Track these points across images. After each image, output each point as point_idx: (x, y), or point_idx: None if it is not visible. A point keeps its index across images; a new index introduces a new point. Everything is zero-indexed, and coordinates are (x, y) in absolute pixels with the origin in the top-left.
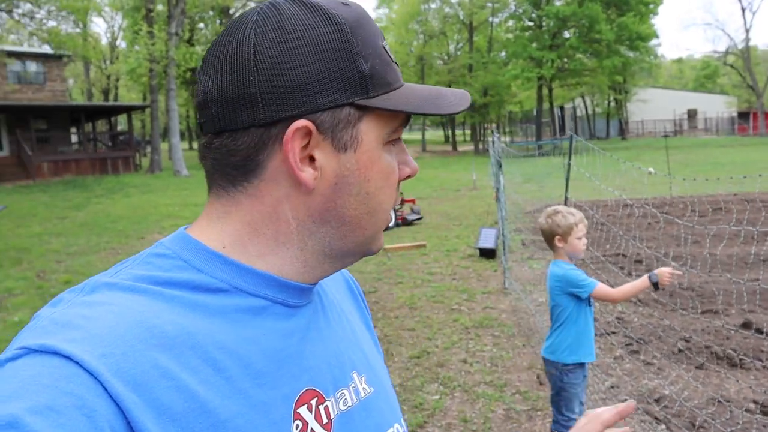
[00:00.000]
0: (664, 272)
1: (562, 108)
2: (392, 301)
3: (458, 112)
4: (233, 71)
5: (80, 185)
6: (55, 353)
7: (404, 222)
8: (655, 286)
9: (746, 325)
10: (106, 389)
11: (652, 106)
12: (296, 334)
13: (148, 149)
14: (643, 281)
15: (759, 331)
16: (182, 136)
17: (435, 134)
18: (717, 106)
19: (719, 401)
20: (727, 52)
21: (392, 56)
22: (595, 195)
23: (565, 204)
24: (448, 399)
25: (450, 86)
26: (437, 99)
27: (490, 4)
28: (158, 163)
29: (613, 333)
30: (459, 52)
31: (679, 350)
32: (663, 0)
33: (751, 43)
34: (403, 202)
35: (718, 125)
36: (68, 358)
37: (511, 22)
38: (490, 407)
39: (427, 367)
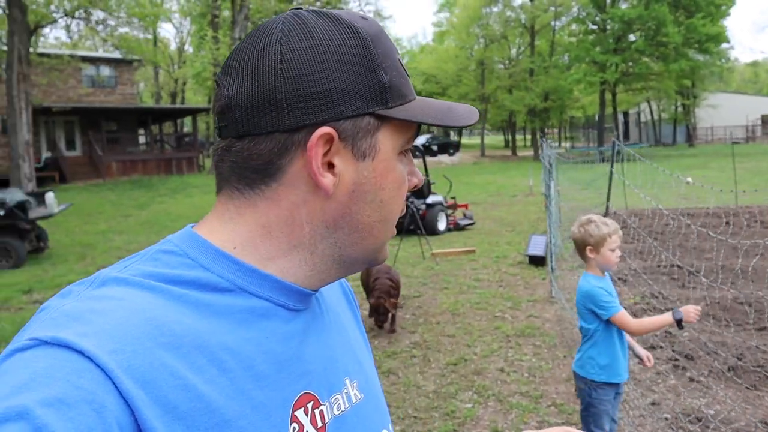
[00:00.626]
0: (689, 310)
1: (626, 113)
2: (435, 307)
3: (468, 125)
4: (260, 77)
5: (146, 185)
6: (67, 347)
7: (456, 227)
8: (679, 323)
9: None
10: (115, 385)
11: (723, 111)
12: (296, 338)
13: (211, 150)
14: (665, 318)
15: None
16: None
17: (495, 139)
18: None
19: None
20: None
21: (407, 70)
22: (649, 204)
23: (606, 213)
24: (481, 408)
25: (511, 91)
26: (449, 112)
27: (553, 8)
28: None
29: (660, 347)
30: (520, 56)
31: (730, 368)
32: (735, 1)
33: None
34: (455, 207)
35: None
36: (80, 352)
37: (574, 26)
38: (523, 418)
39: (464, 374)
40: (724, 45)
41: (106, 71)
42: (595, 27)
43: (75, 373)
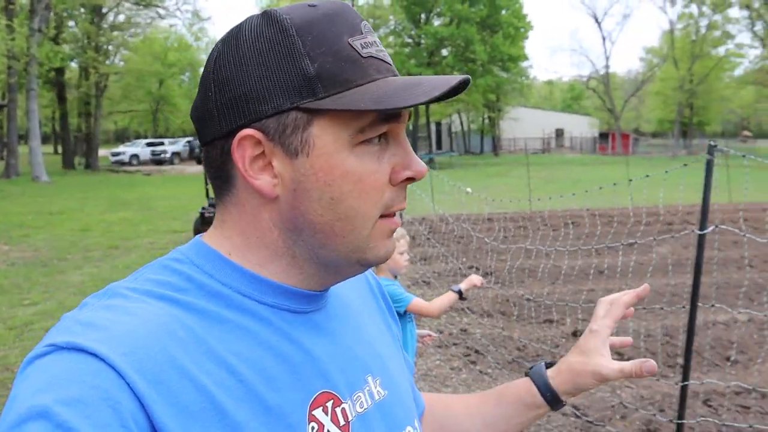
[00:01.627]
0: (472, 279)
1: (438, 123)
2: None
3: (424, 102)
4: (202, 89)
5: None
6: (82, 350)
7: None
8: (460, 294)
9: (576, 333)
10: (128, 385)
11: (524, 124)
12: (308, 339)
13: (5, 152)
14: (449, 294)
15: None
16: (47, 139)
17: None
18: (582, 127)
19: None
20: (589, 77)
21: (371, 51)
22: (461, 208)
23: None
24: None
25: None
26: (405, 90)
27: (372, 20)
28: (15, 167)
29: (455, 344)
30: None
31: (513, 360)
32: (533, 26)
33: (611, 70)
34: None
35: (582, 144)
36: (94, 355)
37: (391, 38)
38: None
39: None
40: (524, 64)
41: None
42: (410, 41)
43: (91, 374)
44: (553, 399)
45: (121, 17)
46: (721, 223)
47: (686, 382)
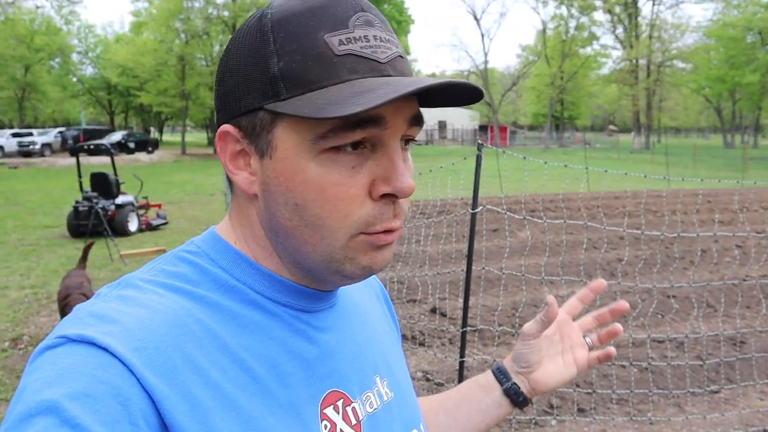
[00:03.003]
0: None
1: None
2: None
3: (367, 109)
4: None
5: None
6: (92, 343)
7: (149, 227)
8: None
9: (434, 310)
10: (138, 380)
11: None
12: (318, 338)
13: None
14: None
15: (443, 315)
16: None
17: (198, 136)
18: (463, 119)
19: None
20: (469, 72)
21: (353, 47)
22: None
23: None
24: None
25: (212, 88)
26: (358, 96)
27: (255, 8)
28: None
29: None
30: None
31: None
32: (413, 20)
33: (490, 66)
34: (147, 206)
35: (463, 136)
36: (104, 348)
37: None
38: None
39: None
40: (408, 57)
41: None
42: None
43: (100, 368)
44: (504, 378)
45: None
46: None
47: (462, 359)
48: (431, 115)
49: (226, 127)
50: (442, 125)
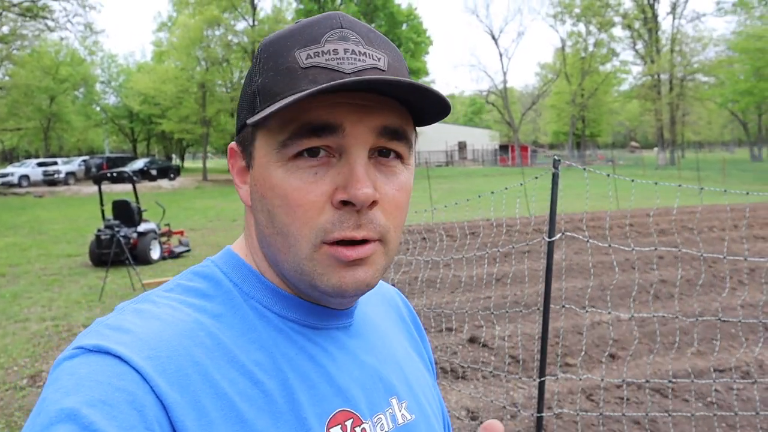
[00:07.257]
0: None
1: None
2: None
3: (283, 106)
4: None
5: None
6: (107, 353)
7: (171, 255)
8: None
9: (472, 340)
10: (151, 387)
11: (428, 137)
12: (328, 356)
13: None
14: None
15: (484, 345)
16: None
17: (219, 163)
18: (483, 140)
19: None
20: (489, 92)
21: (319, 60)
22: None
23: None
24: None
25: (233, 115)
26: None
27: None
28: None
29: None
30: (243, 80)
31: None
32: (432, 41)
33: (509, 85)
34: (170, 234)
35: (483, 156)
36: (119, 357)
37: None
38: None
39: None
40: (426, 78)
41: None
42: None
43: (116, 376)
44: None
45: (5, 29)
46: (608, 230)
47: (542, 378)
48: (451, 136)
49: (232, 144)
50: (462, 146)
